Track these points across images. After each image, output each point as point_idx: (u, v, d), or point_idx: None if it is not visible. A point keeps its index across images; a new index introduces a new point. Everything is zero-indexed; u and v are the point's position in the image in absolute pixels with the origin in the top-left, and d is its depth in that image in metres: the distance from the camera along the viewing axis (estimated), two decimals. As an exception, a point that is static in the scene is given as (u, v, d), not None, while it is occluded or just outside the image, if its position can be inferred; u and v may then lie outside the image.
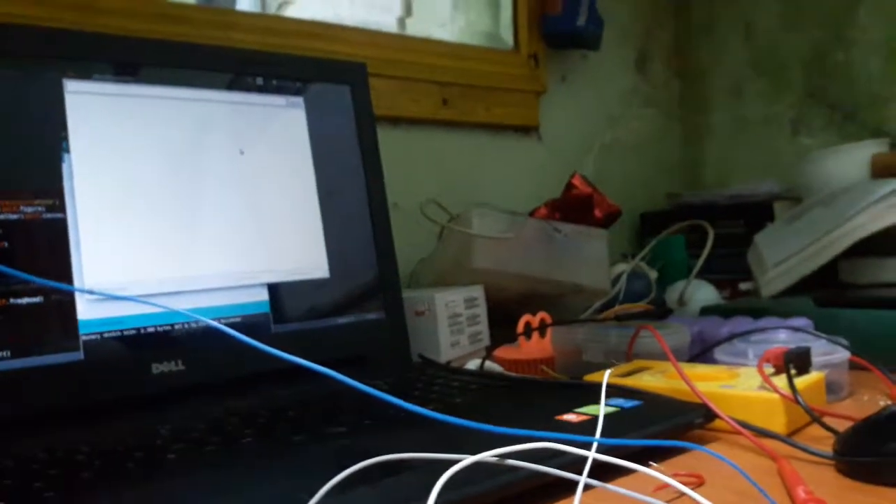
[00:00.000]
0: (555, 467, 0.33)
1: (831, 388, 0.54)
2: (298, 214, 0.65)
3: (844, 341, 0.57)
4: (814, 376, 0.51)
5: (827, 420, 0.46)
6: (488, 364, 0.68)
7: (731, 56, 1.37)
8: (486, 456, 0.27)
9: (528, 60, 1.19)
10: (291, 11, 1.01)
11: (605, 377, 0.33)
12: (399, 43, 1.06)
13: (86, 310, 0.53)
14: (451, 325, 0.74)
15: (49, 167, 0.54)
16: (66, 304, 0.53)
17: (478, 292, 0.78)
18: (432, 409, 0.49)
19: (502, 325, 0.79)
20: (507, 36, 1.21)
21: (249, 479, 0.38)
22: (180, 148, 0.60)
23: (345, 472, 0.26)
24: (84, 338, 0.53)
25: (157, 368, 0.55)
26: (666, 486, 0.32)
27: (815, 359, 0.53)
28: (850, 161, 1.01)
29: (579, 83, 1.27)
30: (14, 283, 0.50)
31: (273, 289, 0.62)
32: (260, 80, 0.66)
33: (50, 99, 0.55)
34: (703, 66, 1.42)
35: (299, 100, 0.67)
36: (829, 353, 0.56)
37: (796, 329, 0.61)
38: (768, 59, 1.32)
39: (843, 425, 0.44)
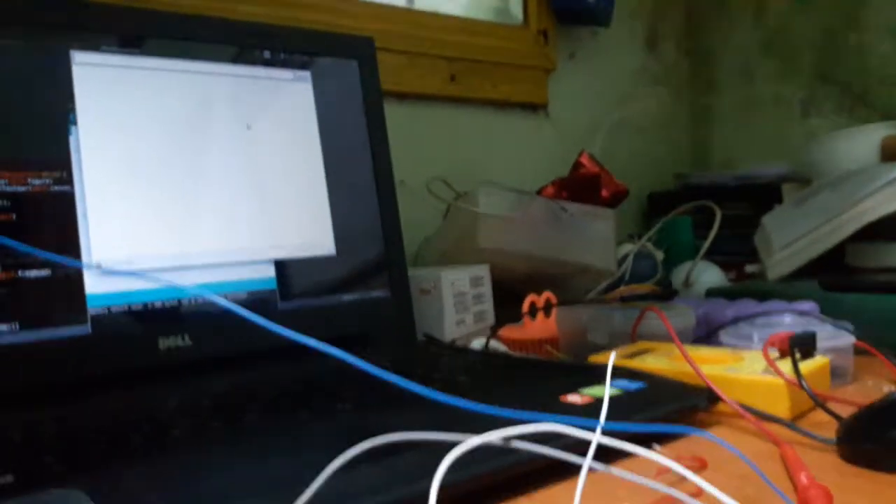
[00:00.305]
0: (558, 448, 0.33)
1: (836, 372, 0.54)
2: (305, 190, 0.65)
3: (850, 326, 0.57)
4: (818, 361, 0.51)
5: (831, 405, 0.46)
6: (493, 343, 0.68)
7: (741, 37, 1.36)
8: (491, 437, 0.27)
9: (537, 36, 1.17)
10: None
11: (611, 360, 0.33)
12: (407, 17, 1.05)
13: (93, 284, 0.53)
14: (457, 304, 0.74)
15: (56, 139, 0.54)
16: (73, 277, 0.53)
17: (483, 271, 0.78)
18: (436, 388, 0.49)
19: (507, 304, 0.79)
20: (517, 10, 1.19)
21: (254, 456, 0.38)
22: (187, 121, 0.60)
23: (349, 452, 0.26)
24: (92, 312, 0.53)
25: (163, 343, 0.55)
26: (668, 469, 0.32)
27: (821, 343, 0.53)
28: (860, 144, 1.00)
29: (588, 61, 1.26)
30: (22, 255, 0.50)
31: (280, 265, 0.62)
32: (267, 54, 0.65)
33: (58, 70, 0.55)
34: (714, 46, 1.40)
35: (306, 74, 0.67)
36: (834, 338, 0.55)
37: (802, 313, 0.60)
38: (779, 40, 1.31)
39: (847, 411, 0.44)
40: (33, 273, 0.51)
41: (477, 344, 0.69)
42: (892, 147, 0.98)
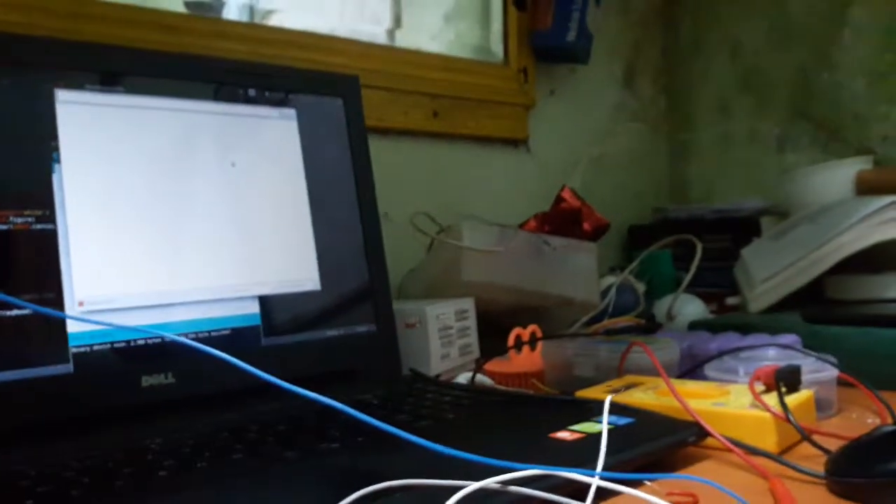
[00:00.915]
0: (552, 489, 0.33)
1: (820, 405, 0.55)
2: (290, 226, 0.65)
3: (833, 359, 0.58)
4: (804, 394, 0.52)
5: (817, 438, 0.47)
6: (479, 377, 0.68)
7: (717, 73, 1.39)
8: (490, 482, 0.27)
9: (517, 74, 1.19)
10: (282, 21, 1.01)
11: (607, 402, 0.33)
12: (389, 54, 1.06)
13: (75, 322, 0.52)
14: (442, 338, 0.73)
15: (39, 177, 0.54)
16: (54, 317, 0.52)
17: (468, 304, 0.78)
18: (425, 427, 0.49)
19: (492, 336, 0.79)
20: (498, 49, 1.21)
21: (240, 498, 0.38)
22: (171, 159, 0.60)
23: (349, 497, 0.26)
24: (74, 350, 0.52)
25: (146, 381, 0.54)
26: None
27: (805, 376, 0.53)
28: (836, 178, 1.03)
29: (568, 97, 1.28)
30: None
31: (264, 301, 0.61)
32: (252, 91, 0.66)
33: (41, 108, 0.55)
34: (690, 82, 1.43)
35: (291, 111, 0.67)
36: (818, 371, 0.56)
37: (785, 346, 0.61)
38: (754, 77, 1.34)
39: (833, 444, 0.44)
40: (14, 312, 0.50)
41: (463, 378, 0.69)
42: (867, 181, 1.00)
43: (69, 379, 0.51)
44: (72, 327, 0.52)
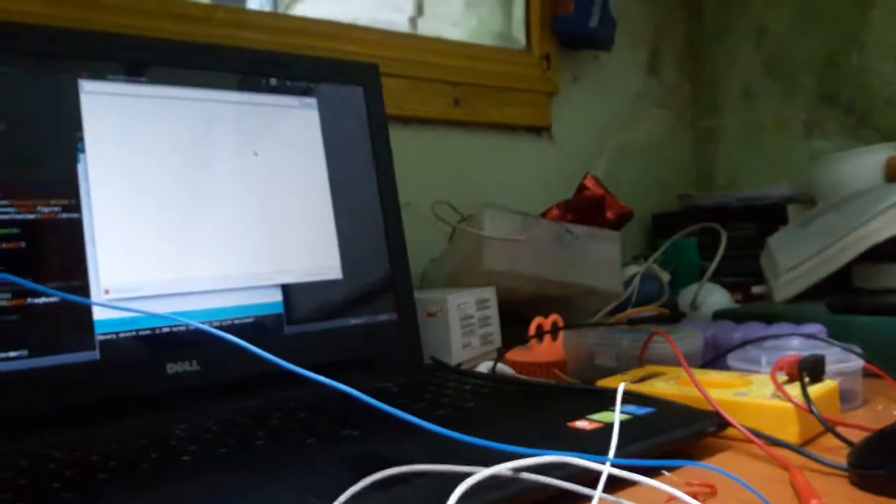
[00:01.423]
0: (566, 477, 0.33)
1: (845, 396, 0.54)
2: (311, 215, 0.65)
3: (858, 349, 0.57)
4: (828, 385, 0.51)
5: (840, 430, 0.46)
6: (500, 366, 0.68)
7: (743, 59, 1.37)
8: (502, 468, 0.27)
9: (540, 61, 1.18)
10: (303, 10, 1.01)
11: (620, 389, 0.33)
12: (410, 43, 1.06)
13: (101, 310, 0.53)
14: (463, 327, 0.74)
15: (65, 167, 0.54)
16: (81, 304, 0.53)
17: (489, 293, 0.78)
18: (444, 415, 0.49)
19: (513, 326, 0.79)
20: (520, 36, 1.20)
21: (263, 484, 0.38)
22: (194, 148, 0.60)
23: (361, 482, 0.26)
24: (100, 337, 0.53)
25: (171, 368, 0.55)
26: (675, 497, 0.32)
27: (829, 367, 0.53)
28: (864, 164, 1.01)
29: (591, 84, 1.27)
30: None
31: (287, 290, 0.62)
32: (273, 81, 0.66)
33: (66, 99, 0.56)
34: (716, 68, 1.41)
35: (312, 100, 0.68)
36: (843, 361, 0.55)
37: (809, 336, 0.60)
38: (781, 62, 1.31)
39: (857, 435, 0.44)
40: (41, 300, 0.51)
41: (484, 367, 0.69)
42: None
43: (95, 366, 0.52)
44: (98, 315, 0.53)
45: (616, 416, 0.31)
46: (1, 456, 0.43)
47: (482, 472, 0.27)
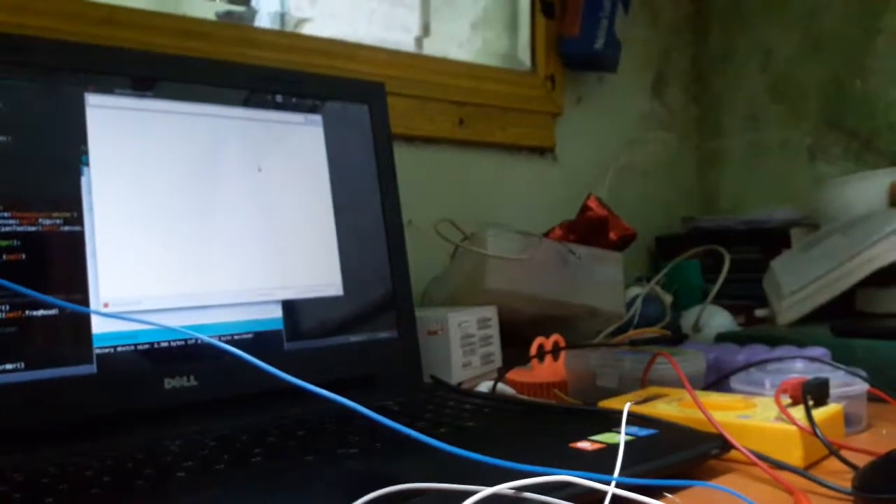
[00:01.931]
0: (569, 498, 0.33)
1: (849, 420, 0.53)
2: (314, 231, 0.65)
3: (863, 372, 0.57)
4: (832, 408, 0.51)
5: (845, 454, 0.45)
6: (500, 386, 0.68)
7: (748, 82, 1.37)
8: (503, 488, 0.27)
9: (544, 82, 1.19)
10: (310, 29, 1.02)
11: (626, 410, 0.33)
12: (416, 62, 1.06)
13: (100, 323, 0.53)
14: (464, 346, 0.73)
15: (68, 180, 0.54)
16: (80, 317, 0.53)
17: (491, 313, 0.78)
18: (444, 434, 0.49)
19: (515, 346, 0.79)
20: (525, 57, 1.21)
21: (259, 500, 0.38)
22: (198, 163, 0.60)
23: (359, 501, 0.26)
24: (98, 351, 0.53)
25: (169, 383, 0.55)
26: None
27: (833, 390, 0.52)
28: (869, 189, 1.00)
29: (595, 105, 1.27)
30: (30, 295, 0.50)
31: (287, 306, 0.62)
32: (279, 98, 0.66)
33: (71, 112, 0.56)
34: (721, 91, 1.42)
35: (317, 117, 0.68)
36: (847, 385, 0.55)
37: (813, 359, 0.60)
38: (786, 85, 1.32)
39: (861, 459, 0.43)
40: (40, 312, 0.51)
41: (484, 387, 0.69)
42: (900, 192, 0.98)
43: (92, 379, 0.52)
44: (96, 328, 0.53)
45: (622, 436, 0.31)
46: (-5, 468, 0.43)
47: (484, 491, 0.27)
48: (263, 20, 0.99)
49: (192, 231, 0.59)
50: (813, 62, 1.28)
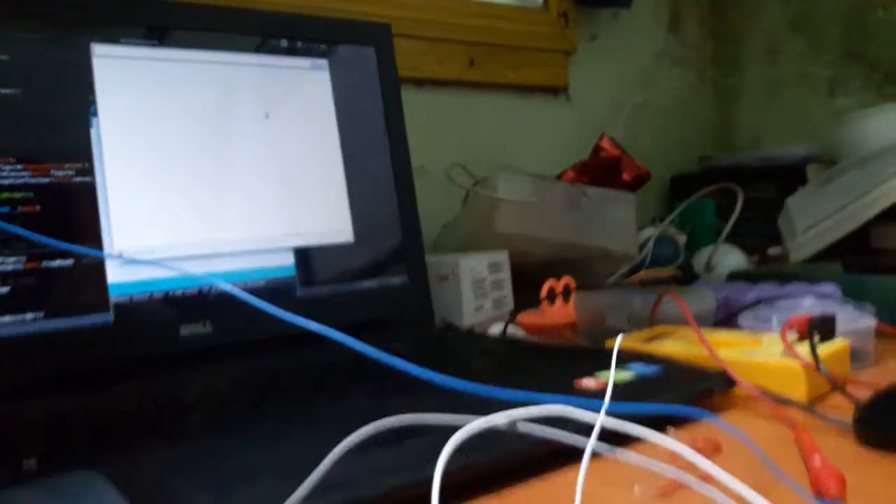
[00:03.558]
0: (566, 432, 0.33)
1: (857, 356, 0.54)
2: (323, 178, 0.65)
3: (871, 308, 0.57)
4: (838, 344, 0.51)
5: (850, 388, 0.46)
6: (511, 329, 0.69)
7: (766, 15, 1.33)
8: (496, 420, 0.28)
9: (557, 19, 1.16)
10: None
11: (617, 342, 0.33)
12: (424, 2, 1.04)
13: (115, 273, 0.54)
14: (475, 290, 0.74)
15: (78, 131, 0.55)
16: (96, 267, 0.54)
17: (502, 257, 0.78)
18: (450, 374, 0.50)
19: (527, 290, 0.79)
20: (537, -7, 1.19)
21: (272, 439, 0.39)
22: (207, 111, 0.61)
23: (354, 434, 0.27)
24: (114, 300, 0.54)
25: (185, 330, 0.56)
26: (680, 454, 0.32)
27: (841, 326, 0.52)
28: (889, 122, 0.99)
29: (610, 42, 1.25)
30: (46, 246, 0.51)
31: (299, 253, 0.62)
32: (285, 42, 0.66)
33: (78, 63, 0.56)
34: (738, 25, 1.38)
35: (324, 62, 0.67)
36: (855, 321, 0.55)
37: (823, 295, 0.60)
38: (805, 17, 1.28)
39: (866, 394, 0.44)
40: (56, 263, 0.52)
41: (495, 330, 0.70)
42: (921, 125, 0.96)
43: (109, 328, 0.53)
44: (112, 278, 0.54)
45: (611, 370, 0.31)
46: (17, 414, 0.44)
47: (475, 423, 0.27)
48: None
49: (203, 179, 0.59)
50: (834, -9, 1.24)
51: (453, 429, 0.29)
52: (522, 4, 1.18)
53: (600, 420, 0.27)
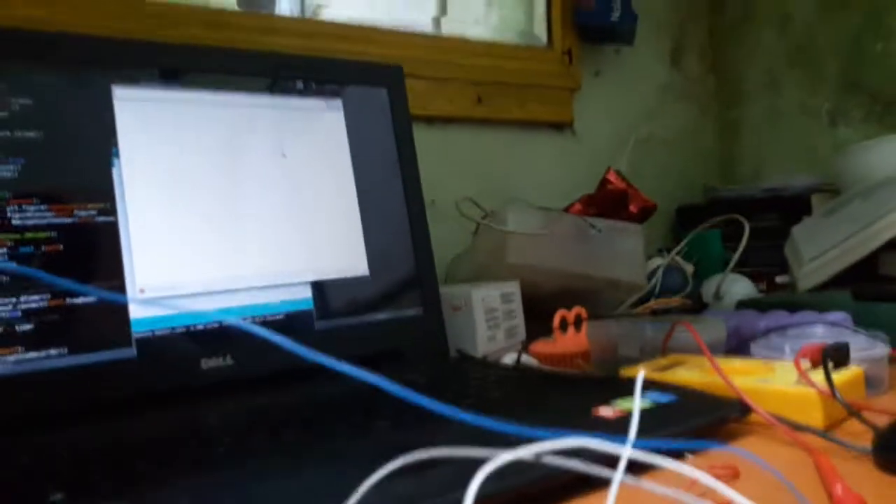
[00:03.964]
0: (589, 462, 0.34)
1: (871, 382, 0.54)
2: (339, 214, 0.67)
3: (884, 335, 0.57)
4: (852, 371, 0.51)
5: (866, 415, 0.46)
6: (524, 358, 0.69)
7: (766, 48, 1.36)
8: (523, 453, 0.28)
9: (561, 56, 1.19)
10: (329, 13, 1.03)
11: (640, 374, 0.34)
12: (433, 43, 1.07)
13: (138, 309, 0.55)
14: (488, 320, 0.75)
15: (100, 172, 0.56)
16: (118, 303, 0.55)
17: (513, 287, 0.79)
18: (469, 405, 0.50)
19: (538, 319, 0.80)
20: (541, 32, 1.21)
21: (295, 471, 0.40)
22: (225, 151, 0.62)
23: (386, 467, 0.28)
24: (136, 335, 0.55)
25: (206, 364, 0.57)
26: (699, 481, 0.32)
27: (854, 353, 0.53)
28: (890, 153, 1.00)
29: (613, 78, 1.27)
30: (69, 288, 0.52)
31: (316, 286, 0.64)
32: (300, 84, 0.68)
33: (100, 105, 0.57)
34: (739, 58, 1.40)
35: (338, 102, 0.69)
36: (868, 348, 0.55)
37: (834, 324, 0.60)
38: (805, 49, 1.31)
39: (882, 420, 0.44)
40: (80, 300, 0.53)
41: (508, 359, 0.70)
42: (923, 155, 0.97)
43: (132, 363, 0.54)
44: (134, 314, 0.55)
45: (636, 399, 0.32)
46: (43, 448, 0.45)
47: (503, 456, 0.28)
48: (283, 7, 1.00)
49: (222, 217, 0.61)
50: (832, 24, 1.26)
51: (477, 461, 0.30)
52: (527, 43, 1.20)
53: (626, 453, 0.27)
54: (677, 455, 0.37)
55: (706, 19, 1.43)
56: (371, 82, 0.71)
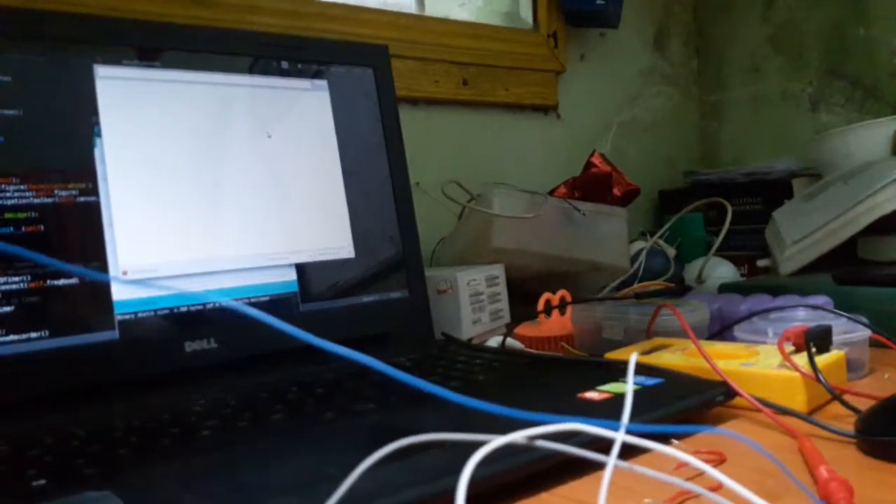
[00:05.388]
0: (577, 445, 0.34)
1: (852, 366, 0.55)
2: (324, 195, 0.66)
3: (865, 319, 0.58)
4: (834, 354, 0.52)
5: (848, 398, 0.47)
6: (509, 341, 0.69)
7: (749, 33, 1.36)
8: (516, 437, 0.28)
9: (547, 39, 1.18)
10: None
11: (632, 360, 0.34)
12: (418, 24, 1.06)
13: (120, 291, 0.55)
14: (473, 303, 0.75)
15: (81, 151, 0.55)
16: (101, 285, 0.54)
17: (498, 270, 0.79)
18: (456, 387, 0.50)
19: (522, 302, 0.80)
20: (527, 14, 1.20)
21: (283, 456, 0.39)
22: (208, 131, 0.61)
23: (379, 451, 0.27)
24: (119, 317, 0.54)
25: (189, 346, 0.56)
26: (687, 464, 0.32)
27: (836, 337, 0.53)
28: (871, 137, 1.01)
29: (598, 62, 1.27)
30: (51, 265, 0.52)
31: (300, 269, 0.63)
32: (285, 64, 0.67)
33: (81, 84, 0.56)
34: (721, 43, 1.41)
35: (323, 82, 0.68)
36: (849, 332, 0.56)
37: (815, 307, 0.61)
38: (787, 35, 1.31)
39: (864, 403, 0.44)
40: (61, 282, 0.53)
41: (494, 342, 0.70)
42: (903, 141, 0.98)
43: (115, 345, 0.54)
44: (117, 295, 0.54)
45: (629, 385, 0.32)
46: (25, 433, 0.44)
47: (497, 441, 0.28)
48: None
49: (206, 198, 0.60)
50: (814, 10, 1.27)
51: (469, 446, 0.30)
52: (513, 26, 1.19)
53: (620, 438, 0.27)
54: (664, 438, 0.38)
55: (690, 3, 1.43)
56: (357, 62, 0.71)
